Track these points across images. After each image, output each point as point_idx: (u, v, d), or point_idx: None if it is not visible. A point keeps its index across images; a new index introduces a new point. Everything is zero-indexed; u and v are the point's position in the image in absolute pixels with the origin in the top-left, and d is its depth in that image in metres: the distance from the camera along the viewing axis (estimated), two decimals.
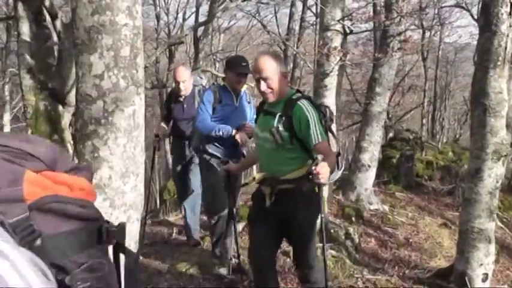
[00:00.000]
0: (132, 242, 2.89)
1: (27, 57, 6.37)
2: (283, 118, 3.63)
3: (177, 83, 6.06)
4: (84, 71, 2.64)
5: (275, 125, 3.63)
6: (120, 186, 2.71)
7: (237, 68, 5.11)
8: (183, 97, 6.12)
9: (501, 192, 5.69)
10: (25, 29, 6.37)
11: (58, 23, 6.54)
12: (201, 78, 6.80)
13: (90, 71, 2.63)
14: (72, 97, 6.53)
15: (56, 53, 6.75)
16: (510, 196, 11.24)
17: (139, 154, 2.81)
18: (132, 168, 2.75)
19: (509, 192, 11.62)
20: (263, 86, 3.64)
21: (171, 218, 8.30)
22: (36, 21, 6.46)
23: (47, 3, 6.32)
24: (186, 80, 6.01)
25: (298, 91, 3.90)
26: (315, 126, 3.57)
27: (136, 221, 2.79)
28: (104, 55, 2.61)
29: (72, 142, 6.46)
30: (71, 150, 6.47)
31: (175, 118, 6.28)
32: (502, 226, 9.55)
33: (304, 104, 3.64)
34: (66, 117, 6.80)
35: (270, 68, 3.64)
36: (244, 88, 5.34)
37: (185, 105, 6.13)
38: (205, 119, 5.10)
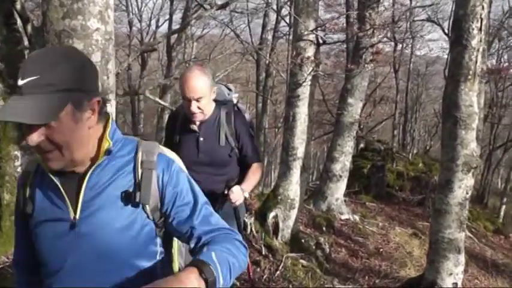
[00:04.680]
0: None
1: None
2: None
3: (188, 101, 3.31)
4: None
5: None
6: None
7: None
8: (198, 124, 3.48)
9: (470, 203, 5.76)
10: None
11: (29, 26, 6.44)
12: (230, 90, 3.79)
13: None
14: None
15: (26, 57, 6.64)
16: (479, 206, 11.42)
17: None
18: None
19: (477, 202, 11.80)
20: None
21: None
22: (6, 25, 6.35)
23: (18, 6, 6.22)
24: (205, 96, 3.32)
25: None
26: None
27: None
28: None
29: None
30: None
31: (185, 161, 2.16)
32: (471, 236, 9.69)
33: None
34: None
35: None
36: None
37: (201, 139, 3.49)
38: None
